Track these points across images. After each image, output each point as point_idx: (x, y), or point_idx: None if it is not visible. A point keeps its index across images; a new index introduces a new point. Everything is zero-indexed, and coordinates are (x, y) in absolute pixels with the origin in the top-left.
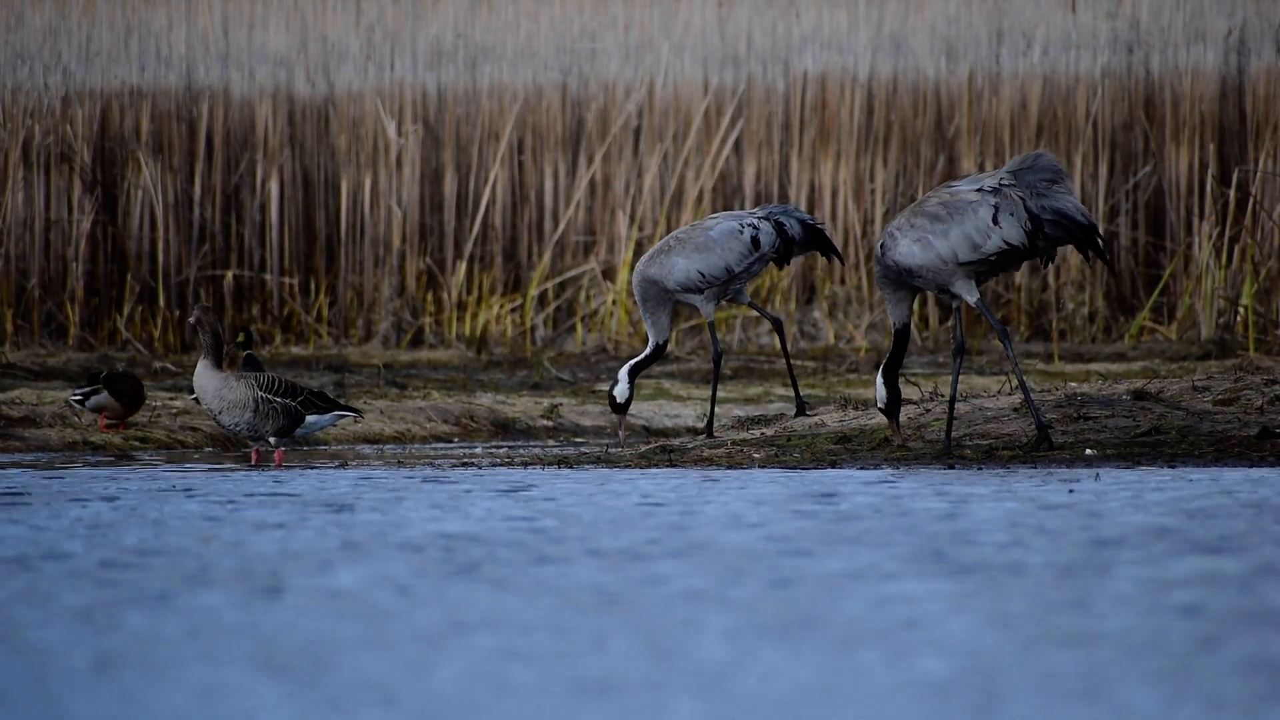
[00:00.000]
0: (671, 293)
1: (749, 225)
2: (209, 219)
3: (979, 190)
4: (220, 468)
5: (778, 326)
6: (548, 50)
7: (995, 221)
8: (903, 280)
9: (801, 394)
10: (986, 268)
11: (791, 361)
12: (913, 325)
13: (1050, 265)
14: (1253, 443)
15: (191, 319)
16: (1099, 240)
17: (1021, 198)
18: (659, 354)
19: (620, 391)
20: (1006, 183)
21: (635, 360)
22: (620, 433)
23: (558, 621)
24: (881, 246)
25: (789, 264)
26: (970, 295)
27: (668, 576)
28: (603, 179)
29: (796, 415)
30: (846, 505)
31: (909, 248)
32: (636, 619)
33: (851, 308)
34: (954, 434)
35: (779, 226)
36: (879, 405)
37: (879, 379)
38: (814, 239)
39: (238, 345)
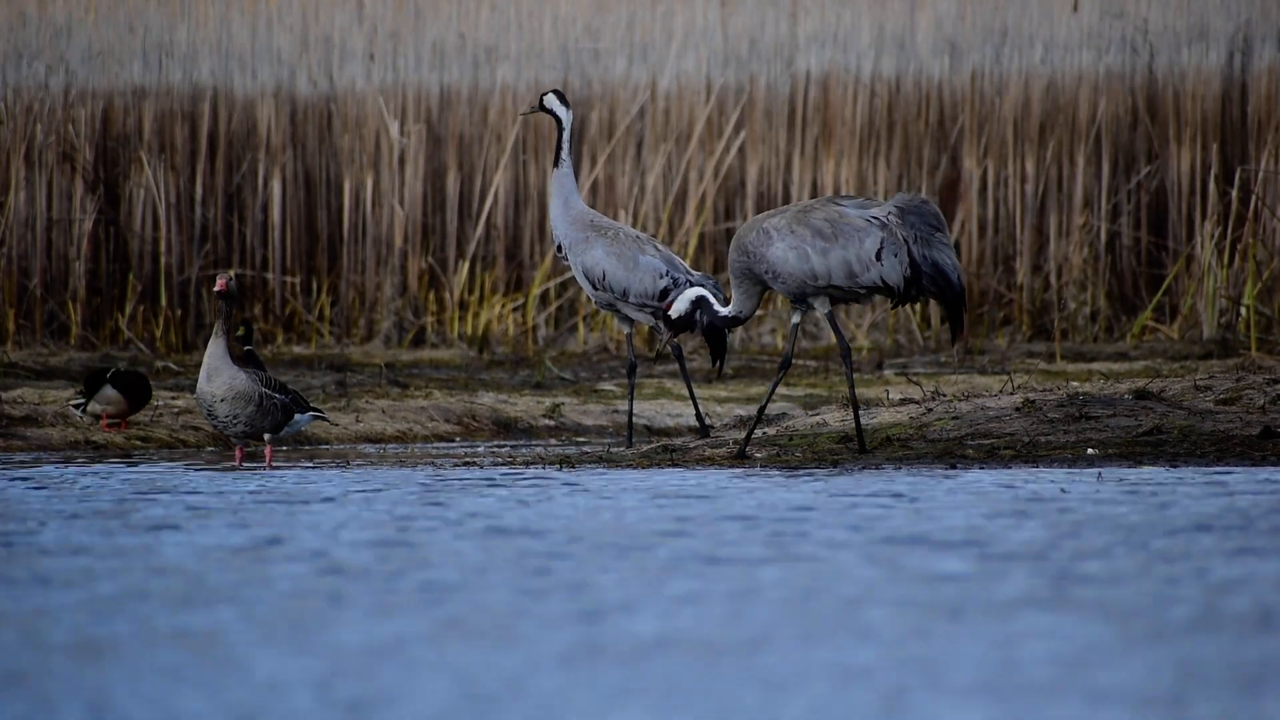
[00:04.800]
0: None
1: (670, 278)
2: (211, 218)
3: (868, 219)
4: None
5: (677, 354)
6: (551, 50)
7: (879, 257)
8: (761, 277)
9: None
10: (844, 295)
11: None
12: (914, 324)
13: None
14: (1255, 442)
15: (219, 287)
16: (963, 308)
17: (907, 240)
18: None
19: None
20: (894, 219)
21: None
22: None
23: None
24: (750, 239)
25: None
26: (822, 308)
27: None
28: (606, 178)
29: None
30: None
31: (784, 253)
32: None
33: (853, 307)
34: (957, 434)
35: (698, 298)
36: (673, 315)
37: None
38: (712, 335)
39: (237, 339)
